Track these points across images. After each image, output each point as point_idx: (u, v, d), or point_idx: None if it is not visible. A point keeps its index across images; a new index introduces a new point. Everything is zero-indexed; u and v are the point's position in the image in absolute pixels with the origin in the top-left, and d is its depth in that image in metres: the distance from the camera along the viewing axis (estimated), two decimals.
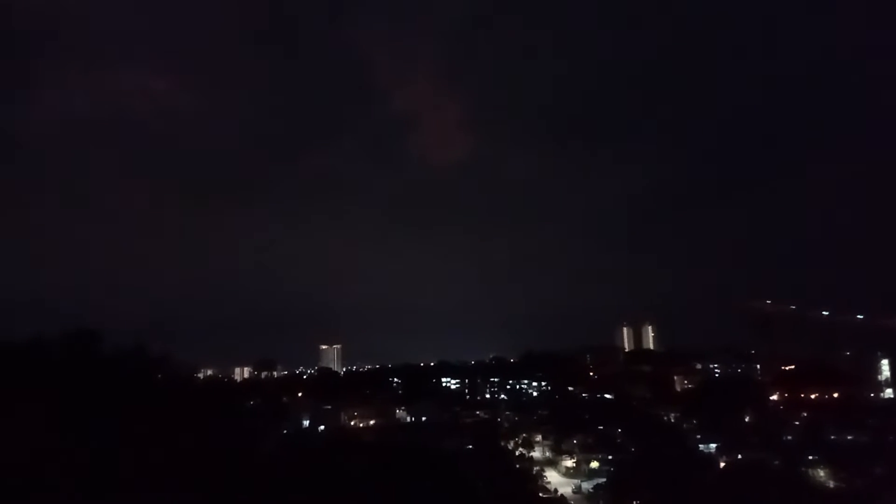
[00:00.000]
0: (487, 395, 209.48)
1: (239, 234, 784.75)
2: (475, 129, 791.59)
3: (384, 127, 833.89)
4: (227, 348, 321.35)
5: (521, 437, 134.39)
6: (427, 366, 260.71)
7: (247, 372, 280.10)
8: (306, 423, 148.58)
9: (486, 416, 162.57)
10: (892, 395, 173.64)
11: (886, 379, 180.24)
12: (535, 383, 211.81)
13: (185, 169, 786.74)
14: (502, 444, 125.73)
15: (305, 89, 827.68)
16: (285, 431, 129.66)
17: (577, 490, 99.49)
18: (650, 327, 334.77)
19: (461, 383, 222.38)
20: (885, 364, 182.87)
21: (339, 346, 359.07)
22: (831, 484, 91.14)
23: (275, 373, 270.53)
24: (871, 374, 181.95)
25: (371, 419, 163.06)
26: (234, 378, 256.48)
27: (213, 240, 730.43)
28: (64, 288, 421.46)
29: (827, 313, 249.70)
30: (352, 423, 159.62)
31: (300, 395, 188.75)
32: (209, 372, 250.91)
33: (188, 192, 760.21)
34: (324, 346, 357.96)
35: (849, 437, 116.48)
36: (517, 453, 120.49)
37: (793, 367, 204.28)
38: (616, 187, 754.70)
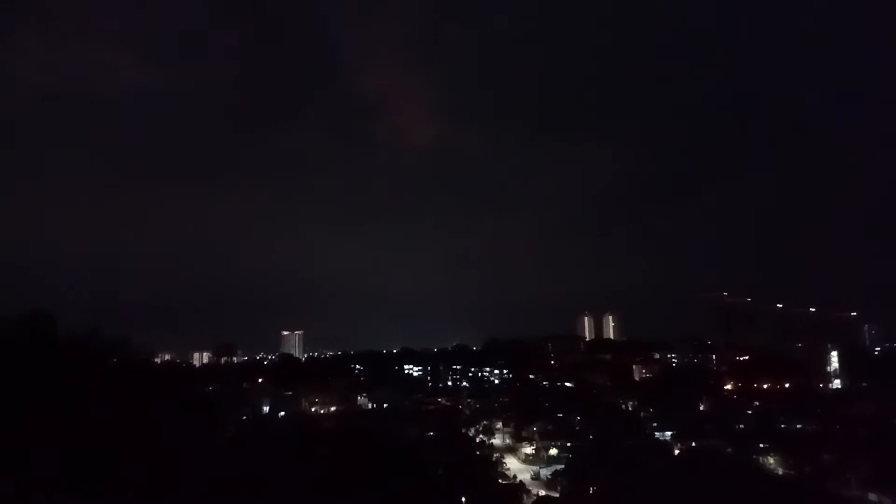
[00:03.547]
0: (450, 383, 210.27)
1: (201, 215, 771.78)
2: (443, 116, 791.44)
3: (353, 111, 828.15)
4: (185, 333, 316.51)
5: (482, 424, 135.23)
6: (390, 353, 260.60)
7: (206, 357, 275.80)
8: (266, 408, 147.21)
9: (448, 404, 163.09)
10: (839, 386, 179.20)
11: (835, 370, 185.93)
12: (496, 371, 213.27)
13: (146, 145, 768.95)
14: (463, 431, 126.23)
15: (274, 71, 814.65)
16: (245, 417, 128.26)
17: (536, 476, 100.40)
18: (611, 317, 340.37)
19: (424, 370, 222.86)
20: (833, 356, 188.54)
21: (300, 333, 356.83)
22: (780, 471, 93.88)
23: (234, 358, 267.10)
24: (820, 365, 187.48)
25: (332, 405, 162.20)
26: (192, 363, 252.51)
27: (174, 220, 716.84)
28: (13, 267, 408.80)
29: (781, 306, 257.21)
30: (313, 409, 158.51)
31: (260, 380, 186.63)
32: (167, 357, 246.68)
33: (148, 171, 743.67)
34: (285, 332, 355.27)
35: (798, 426, 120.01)
36: (478, 440, 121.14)
37: (747, 357, 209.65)
38: (581, 180, 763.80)
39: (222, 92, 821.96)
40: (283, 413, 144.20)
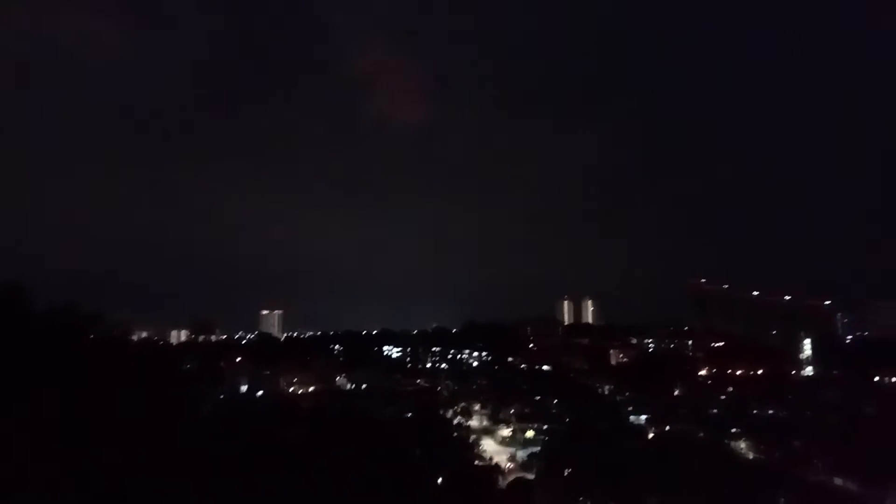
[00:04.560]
0: (429, 364, 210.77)
1: (181, 192, 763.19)
2: (429, 98, 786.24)
3: (339, 90, 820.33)
4: (162, 310, 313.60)
5: (460, 405, 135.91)
6: (369, 334, 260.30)
7: (184, 335, 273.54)
8: (244, 388, 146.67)
9: (427, 385, 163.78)
10: (811, 373, 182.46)
11: (808, 357, 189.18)
12: (475, 353, 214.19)
13: (126, 122, 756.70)
14: (441, 412, 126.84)
15: (257, 50, 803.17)
16: (222, 396, 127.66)
17: (512, 458, 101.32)
18: (590, 301, 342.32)
19: (403, 352, 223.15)
20: (807, 343, 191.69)
21: (280, 312, 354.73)
22: (751, 455, 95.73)
23: (213, 337, 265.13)
24: (793, 352, 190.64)
25: (311, 385, 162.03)
26: (169, 341, 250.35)
27: (153, 197, 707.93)
28: None
29: (757, 294, 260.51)
30: (291, 389, 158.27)
31: (239, 359, 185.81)
32: (144, 334, 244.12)
33: (128, 147, 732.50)
34: (265, 311, 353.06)
35: (770, 412, 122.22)
36: (455, 422, 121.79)
37: (723, 343, 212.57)
38: (562, 165, 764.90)
39: (206, 70, 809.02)
40: (261, 392, 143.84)
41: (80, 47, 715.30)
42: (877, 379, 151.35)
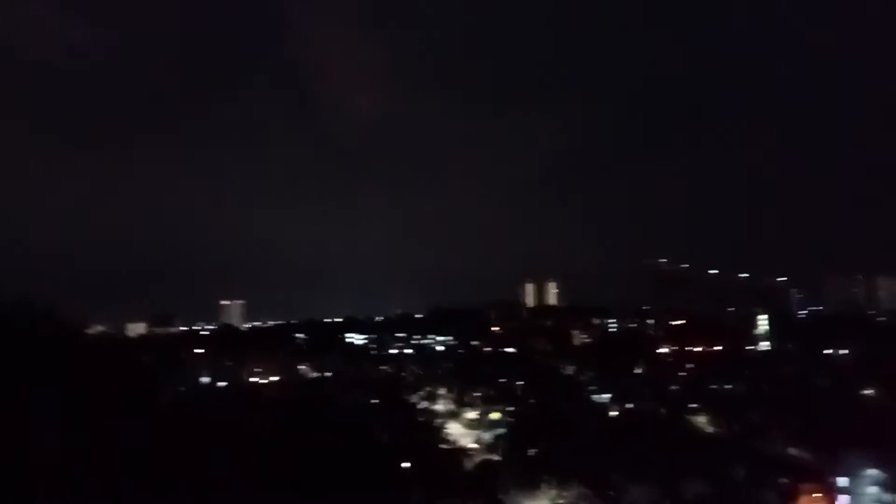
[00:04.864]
0: (394, 351, 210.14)
1: (139, 179, 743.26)
2: (388, 84, 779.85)
3: (295, 78, 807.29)
4: (120, 303, 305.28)
5: (426, 390, 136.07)
6: (333, 322, 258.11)
7: (142, 328, 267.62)
8: (206, 379, 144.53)
9: (392, 371, 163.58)
10: (767, 348, 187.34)
11: (763, 332, 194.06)
12: (440, 338, 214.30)
13: (81, 108, 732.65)
14: (406, 397, 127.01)
15: (215, 38, 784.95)
16: (183, 388, 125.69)
17: (478, 441, 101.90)
18: (553, 284, 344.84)
19: (368, 339, 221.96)
20: (762, 319, 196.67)
21: (242, 302, 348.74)
22: (710, 430, 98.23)
23: (172, 329, 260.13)
24: (749, 329, 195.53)
25: (274, 375, 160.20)
26: (127, 334, 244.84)
27: (110, 185, 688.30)
28: None
29: (716, 272, 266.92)
30: (254, 378, 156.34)
31: (200, 351, 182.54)
32: (100, 328, 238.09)
33: (79, 138, 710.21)
34: (226, 302, 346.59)
35: (728, 387, 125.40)
36: (421, 406, 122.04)
37: (682, 322, 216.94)
38: (526, 148, 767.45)
39: (161, 56, 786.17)
40: (223, 383, 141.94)
41: (36, 36, 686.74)
42: (828, 352, 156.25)
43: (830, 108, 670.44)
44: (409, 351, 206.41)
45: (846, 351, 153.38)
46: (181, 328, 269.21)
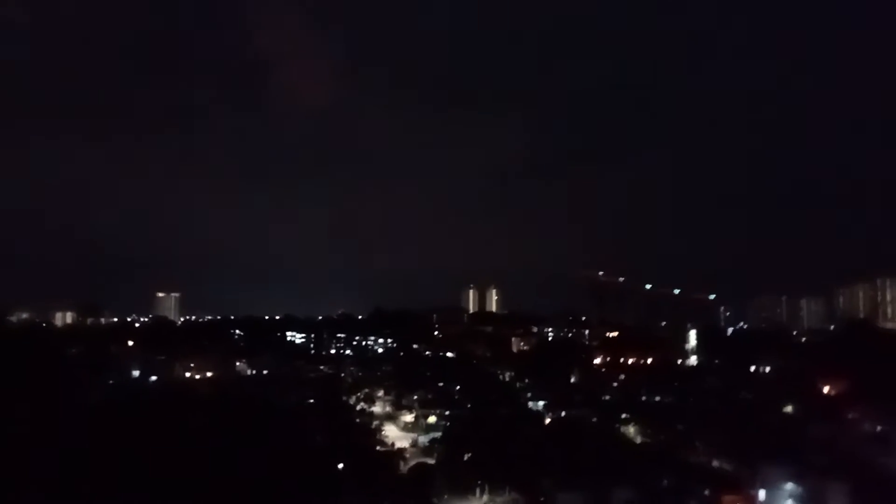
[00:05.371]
0: (333, 351, 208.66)
1: (72, 168, 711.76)
2: (337, 79, 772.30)
3: (241, 67, 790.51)
4: (46, 290, 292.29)
5: (364, 392, 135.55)
6: (272, 320, 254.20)
7: (69, 317, 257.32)
8: (136, 373, 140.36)
9: (330, 371, 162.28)
10: (695, 362, 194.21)
11: (693, 347, 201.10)
12: (381, 340, 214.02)
13: (17, 85, 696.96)
14: (344, 398, 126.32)
15: (156, 19, 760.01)
16: (111, 382, 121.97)
17: (414, 444, 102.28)
18: (494, 291, 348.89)
19: (307, 338, 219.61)
20: (692, 333, 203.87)
21: (177, 295, 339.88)
22: (639, 439, 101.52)
23: (102, 319, 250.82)
24: (680, 342, 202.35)
25: (210, 371, 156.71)
26: (53, 323, 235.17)
27: (41, 172, 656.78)
28: None
29: (650, 286, 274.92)
30: (188, 374, 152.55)
31: (131, 343, 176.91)
32: (24, 315, 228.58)
33: (15, 112, 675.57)
34: (160, 294, 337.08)
35: (657, 398, 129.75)
36: (358, 408, 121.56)
37: (617, 333, 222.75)
38: (471, 154, 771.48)
39: (100, 36, 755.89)
40: (154, 378, 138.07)
41: None
42: (753, 368, 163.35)
43: (771, 119, 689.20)
44: (349, 352, 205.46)
45: (769, 368, 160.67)
46: (113, 319, 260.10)
